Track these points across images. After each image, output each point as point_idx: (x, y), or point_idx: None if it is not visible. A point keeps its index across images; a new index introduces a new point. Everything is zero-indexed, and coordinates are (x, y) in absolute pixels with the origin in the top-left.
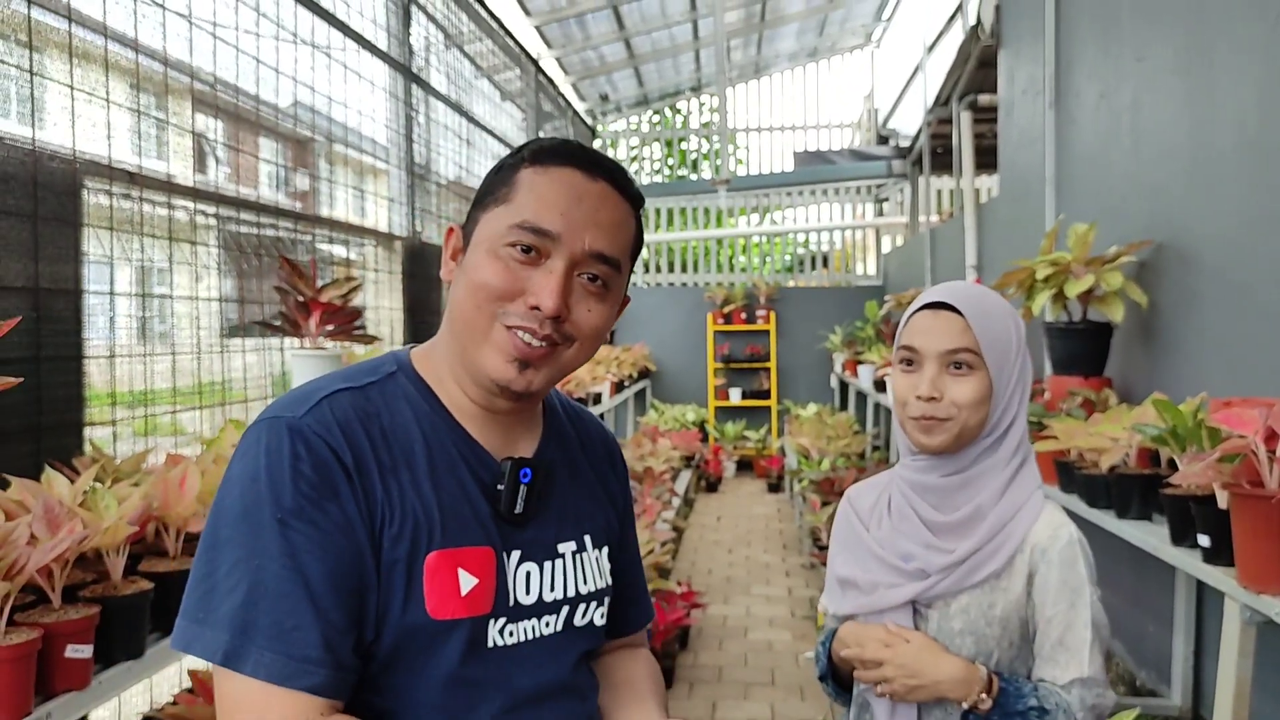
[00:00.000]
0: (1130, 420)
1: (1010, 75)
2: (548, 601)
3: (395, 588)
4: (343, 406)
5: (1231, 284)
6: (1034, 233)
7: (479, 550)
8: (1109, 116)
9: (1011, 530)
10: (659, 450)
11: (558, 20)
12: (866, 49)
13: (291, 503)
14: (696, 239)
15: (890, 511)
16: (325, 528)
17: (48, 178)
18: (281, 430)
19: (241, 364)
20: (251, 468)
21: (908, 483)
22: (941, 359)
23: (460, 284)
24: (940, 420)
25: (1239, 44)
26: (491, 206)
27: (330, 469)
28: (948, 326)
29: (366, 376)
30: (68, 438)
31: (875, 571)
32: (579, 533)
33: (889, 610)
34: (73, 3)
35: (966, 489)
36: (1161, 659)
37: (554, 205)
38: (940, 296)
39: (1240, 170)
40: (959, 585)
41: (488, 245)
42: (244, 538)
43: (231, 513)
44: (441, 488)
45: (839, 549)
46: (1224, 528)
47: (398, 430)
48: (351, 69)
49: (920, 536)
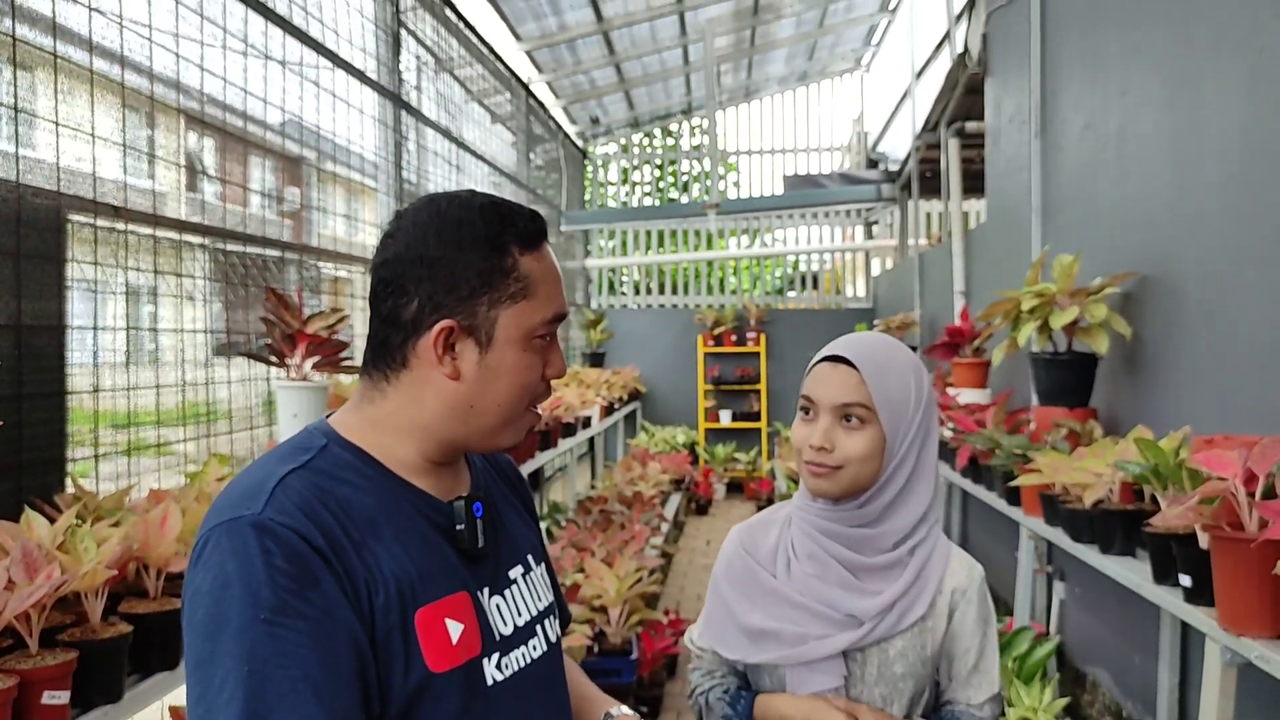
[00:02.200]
0: (1114, 456)
1: (997, 103)
2: (521, 627)
3: (394, 654)
4: (297, 490)
5: (1215, 316)
6: (1021, 260)
7: (457, 597)
8: (1094, 147)
9: (929, 574)
10: (648, 474)
11: (548, 45)
12: (856, 73)
13: (272, 600)
14: (687, 261)
15: (798, 555)
16: (312, 616)
17: (31, 214)
18: (244, 530)
19: (228, 394)
20: (219, 575)
21: (816, 527)
22: (835, 411)
23: (498, 382)
24: (831, 468)
25: (1223, 78)
26: (509, 304)
27: (305, 558)
28: (843, 380)
29: (303, 454)
30: (50, 475)
31: (800, 621)
32: (523, 555)
33: (820, 660)
34: (59, 21)
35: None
36: (1148, 690)
37: (560, 287)
38: (838, 350)
39: (1224, 204)
40: (891, 631)
41: (523, 344)
42: (230, 649)
43: (209, 625)
44: (409, 546)
45: (738, 596)
46: (1205, 568)
47: (354, 501)
48: (340, 97)
49: (841, 579)
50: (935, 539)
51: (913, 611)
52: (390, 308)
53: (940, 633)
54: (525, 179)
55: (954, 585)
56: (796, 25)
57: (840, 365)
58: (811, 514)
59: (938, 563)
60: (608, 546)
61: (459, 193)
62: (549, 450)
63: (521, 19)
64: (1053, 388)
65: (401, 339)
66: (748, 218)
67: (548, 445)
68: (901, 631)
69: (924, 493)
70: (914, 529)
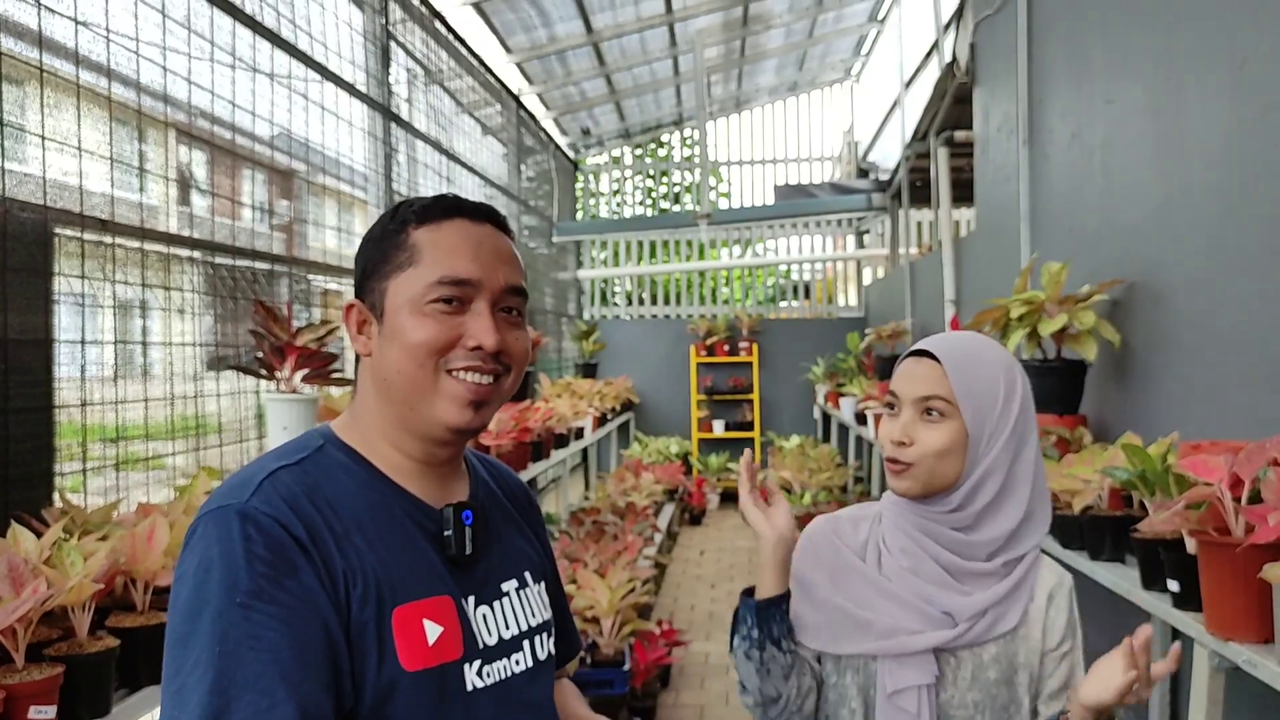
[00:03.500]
0: (1103, 462)
1: (985, 112)
2: (507, 639)
3: (368, 648)
4: (285, 484)
5: (1202, 322)
6: (1010, 268)
7: (439, 600)
8: (1081, 155)
9: (1026, 583)
10: (641, 485)
11: (539, 57)
12: (846, 83)
13: (249, 585)
14: (679, 271)
15: (890, 550)
16: (286, 603)
17: (17, 228)
18: (230, 517)
19: (217, 407)
20: (203, 559)
21: (913, 525)
22: (916, 405)
23: (390, 349)
24: (906, 465)
25: (1207, 87)
26: (395, 274)
27: (284, 546)
28: (925, 373)
29: (298, 453)
30: (37, 489)
31: (892, 613)
32: (519, 570)
33: (911, 655)
34: (45, 34)
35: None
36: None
37: (462, 255)
38: (924, 344)
39: (1209, 211)
40: (985, 635)
41: (410, 308)
42: (206, 629)
43: (189, 607)
44: (393, 547)
45: (824, 577)
46: (1193, 573)
47: (342, 498)
48: (330, 110)
49: (938, 578)
50: (1034, 558)
51: (1007, 619)
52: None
53: (1035, 640)
54: (516, 190)
55: (1046, 589)
56: (786, 35)
57: (924, 359)
58: (906, 510)
59: (1033, 568)
60: (600, 557)
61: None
62: (542, 461)
63: (511, 31)
64: (1042, 395)
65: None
66: (739, 228)
67: (540, 456)
68: (995, 638)
69: (1019, 502)
70: (1010, 542)
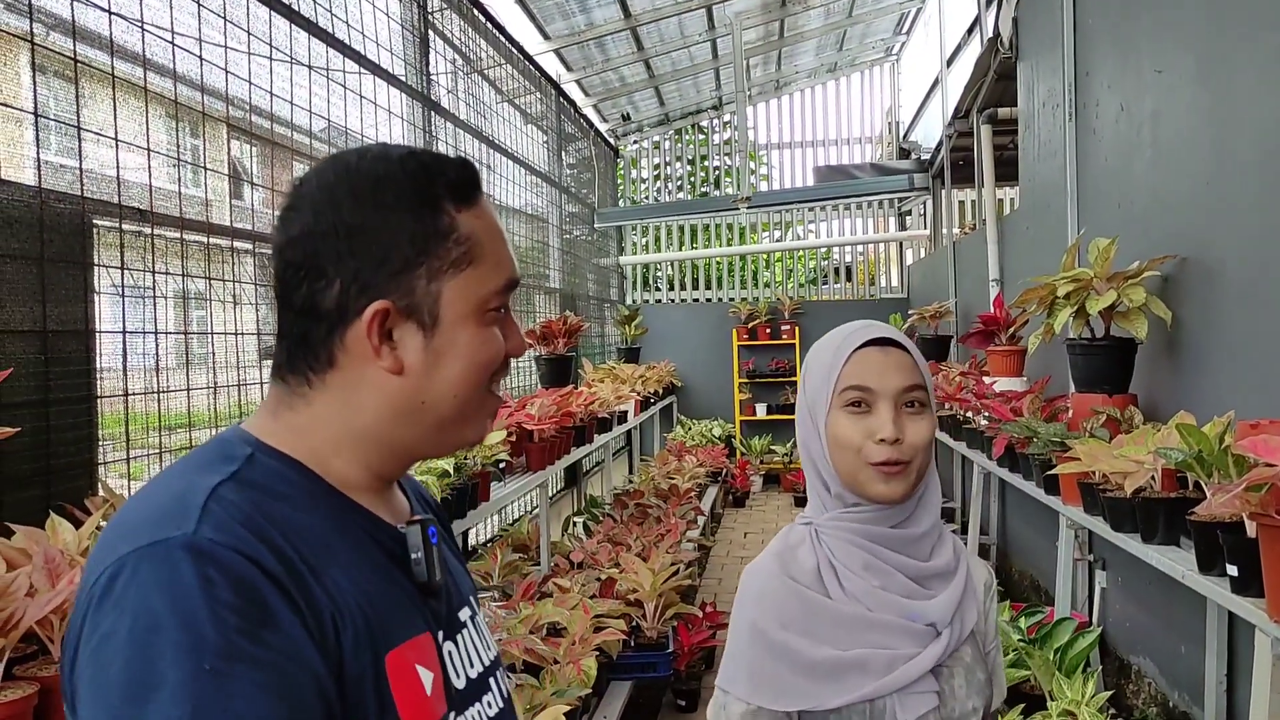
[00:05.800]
0: (1155, 442)
1: (1029, 88)
2: (474, 679)
3: (368, 707)
4: (235, 504)
5: (1257, 298)
6: (1055, 246)
7: (423, 639)
8: (1129, 129)
9: (970, 572)
10: (684, 468)
11: (577, 43)
12: (886, 63)
13: (218, 642)
14: (720, 256)
15: (851, 568)
16: (268, 660)
17: (54, 219)
18: (175, 556)
19: (259, 396)
20: (142, 615)
21: (860, 534)
22: (897, 398)
23: (450, 368)
24: (904, 464)
25: (1259, 54)
26: (451, 273)
27: (256, 586)
28: (899, 363)
29: (226, 464)
30: (79, 479)
31: (885, 642)
32: (466, 595)
33: (914, 683)
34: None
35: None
36: (1195, 680)
37: (505, 246)
38: (882, 333)
39: (1263, 182)
40: (961, 637)
41: (477, 319)
42: (166, 709)
43: (134, 685)
44: (370, 577)
45: (794, 632)
46: (1253, 557)
47: (298, 520)
48: (369, 99)
49: (906, 588)
50: (959, 545)
51: (970, 615)
52: (304, 296)
53: (986, 634)
54: (558, 178)
55: (983, 580)
56: (825, 16)
57: (891, 348)
58: (847, 521)
59: (969, 561)
60: (644, 540)
61: (369, 146)
62: (585, 445)
63: (549, 17)
64: (1090, 374)
65: (325, 332)
66: (780, 210)
67: (584, 440)
68: (968, 638)
69: (936, 485)
70: (935, 523)
